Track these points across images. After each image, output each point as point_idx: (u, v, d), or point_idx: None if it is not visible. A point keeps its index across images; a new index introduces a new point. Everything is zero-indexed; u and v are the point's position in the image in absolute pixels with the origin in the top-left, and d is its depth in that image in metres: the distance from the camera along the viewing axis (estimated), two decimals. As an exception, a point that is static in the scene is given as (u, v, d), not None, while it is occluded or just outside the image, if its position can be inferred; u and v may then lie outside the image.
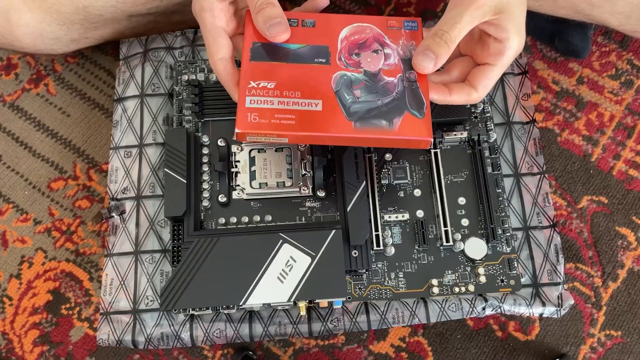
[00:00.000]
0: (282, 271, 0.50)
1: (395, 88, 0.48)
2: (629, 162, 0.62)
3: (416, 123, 0.47)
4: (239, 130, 0.46)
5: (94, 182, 0.64)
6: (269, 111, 0.46)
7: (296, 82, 0.48)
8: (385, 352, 0.57)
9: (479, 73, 0.49)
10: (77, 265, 0.61)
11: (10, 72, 0.68)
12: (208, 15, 0.48)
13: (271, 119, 0.46)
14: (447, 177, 0.56)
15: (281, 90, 0.47)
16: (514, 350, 0.57)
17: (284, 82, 0.48)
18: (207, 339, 0.53)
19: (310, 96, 0.47)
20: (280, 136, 0.46)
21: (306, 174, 0.55)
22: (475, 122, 0.57)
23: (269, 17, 0.47)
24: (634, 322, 0.58)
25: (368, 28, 0.51)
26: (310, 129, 0.46)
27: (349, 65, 0.49)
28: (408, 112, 0.47)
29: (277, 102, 0.47)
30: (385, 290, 0.53)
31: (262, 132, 0.46)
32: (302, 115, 0.46)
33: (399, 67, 0.49)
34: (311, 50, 0.49)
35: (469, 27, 0.47)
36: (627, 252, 0.60)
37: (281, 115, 0.46)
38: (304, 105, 0.47)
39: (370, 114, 0.47)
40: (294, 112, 0.46)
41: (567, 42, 0.64)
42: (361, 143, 0.48)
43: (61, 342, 0.59)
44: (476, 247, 0.53)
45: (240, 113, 0.46)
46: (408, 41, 0.50)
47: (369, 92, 0.48)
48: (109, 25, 0.62)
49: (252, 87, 0.47)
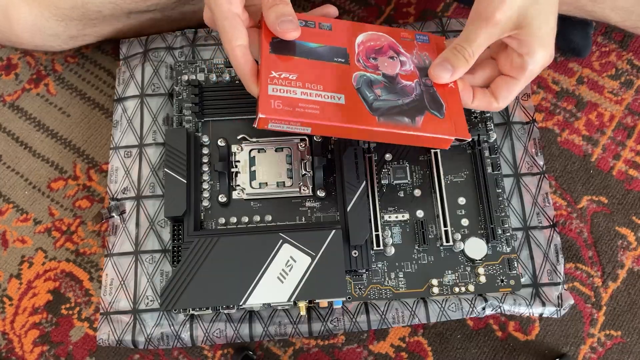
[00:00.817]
0: (282, 271, 0.50)
1: (413, 91, 0.49)
2: (629, 162, 0.62)
3: (438, 122, 0.48)
4: (263, 116, 0.45)
5: (94, 182, 0.64)
6: (292, 100, 0.46)
7: (318, 76, 0.48)
8: (385, 352, 0.57)
9: (502, 84, 0.50)
10: (77, 265, 0.61)
11: (10, 72, 0.68)
12: (224, 1, 0.46)
13: (295, 107, 0.46)
14: (447, 177, 0.56)
15: (303, 82, 0.47)
16: (514, 350, 0.57)
17: (306, 76, 0.47)
18: (207, 339, 0.53)
19: (333, 90, 0.47)
20: (304, 124, 0.46)
21: (306, 174, 0.55)
22: (475, 122, 0.57)
23: (281, 14, 0.47)
24: (634, 322, 0.58)
25: (383, 37, 0.52)
26: (335, 120, 0.46)
27: (367, 67, 0.49)
28: (428, 112, 0.48)
29: (301, 92, 0.47)
30: (385, 290, 0.53)
31: (286, 118, 0.45)
32: (326, 107, 0.46)
33: (415, 74, 0.50)
34: (330, 50, 0.49)
35: (486, 43, 0.47)
36: (627, 252, 0.60)
37: (305, 105, 0.46)
38: (327, 98, 0.47)
39: (392, 111, 0.47)
40: (318, 102, 0.46)
41: (568, 41, 0.64)
42: (385, 138, 0.48)
43: (61, 342, 0.59)
44: (476, 247, 0.53)
45: (263, 99, 0.45)
46: (421, 52, 0.51)
47: (389, 92, 0.48)
48: (107, 22, 0.62)
49: (274, 77, 0.47)
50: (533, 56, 0.47)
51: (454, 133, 0.48)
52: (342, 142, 0.55)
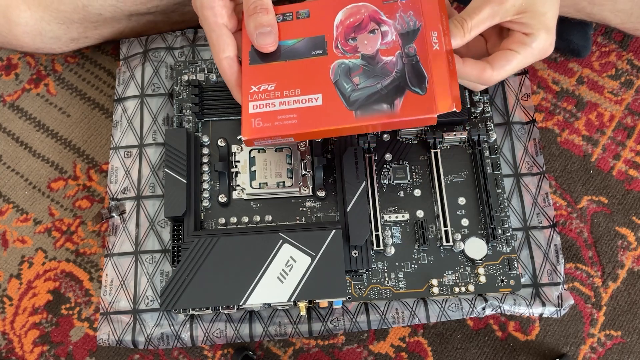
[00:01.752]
0: (282, 271, 0.50)
1: (394, 67, 0.47)
2: (629, 162, 0.62)
3: (418, 101, 0.46)
4: (245, 138, 0.47)
5: (94, 182, 0.64)
6: (271, 114, 0.47)
7: (295, 79, 0.48)
8: (385, 352, 0.57)
9: (499, 54, 0.48)
10: (77, 265, 0.61)
11: (11, 72, 0.68)
12: (210, 14, 0.47)
13: (274, 121, 0.47)
14: (447, 177, 0.56)
15: (282, 90, 0.48)
16: (514, 350, 0.57)
17: (284, 82, 0.48)
18: (207, 339, 0.53)
19: (310, 91, 0.47)
20: (284, 137, 0.47)
21: (306, 174, 0.55)
22: (475, 122, 0.57)
23: (259, 24, 0.47)
24: (634, 322, 0.58)
25: (363, 7, 0.50)
26: (311, 126, 0.46)
27: (346, 52, 0.48)
28: (409, 91, 0.46)
29: (279, 103, 0.47)
30: (385, 290, 0.53)
31: (267, 135, 0.47)
32: (303, 113, 0.47)
33: (397, 44, 0.48)
34: (307, 44, 0.49)
35: (489, 21, 0.46)
36: (627, 252, 0.60)
37: (283, 116, 0.47)
38: (305, 102, 0.47)
39: (370, 99, 0.47)
40: (296, 110, 0.47)
41: (568, 41, 0.64)
42: (366, 130, 0.47)
43: (61, 342, 0.59)
44: (476, 247, 0.53)
45: (245, 120, 0.47)
46: (405, 12, 0.49)
47: (368, 76, 0.47)
48: (108, 25, 0.62)
49: (253, 92, 0.48)
50: (537, 37, 0.47)
51: (435, 110, 0.46)
52: (342, 142, 0.55)
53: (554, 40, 0.48)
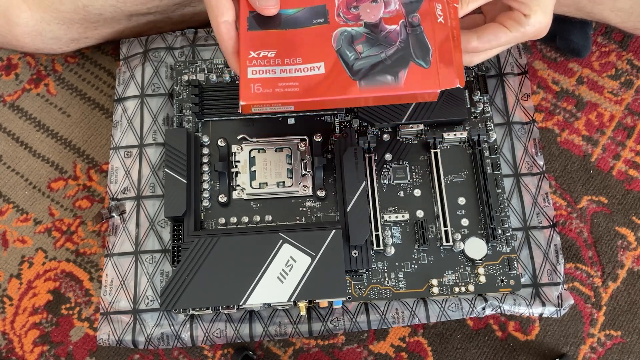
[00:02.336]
0: (282, 271, 0.50)
1: (398, 37, 0.46)
2: (629, 162, 0.62)
3: (422, 74, 0.45)
4: (243, 103, 0.45)
5: (94, 182, 0.64)
6: (272, 80, 0.45)
7: (297, 47, 0.46)
8: (385, 352, 0.58)
9: (489, 26, 0.47)
10: (77, 265, 0.61)
11: (11, 72, 0.68)
12: None
13: (275, 87, 0.45)
14: (447, 177, 0.56)
15: (282, 58, 0.46)
16: (514, 350, 0.57)
17: (285, 50, 0.46)
18: (207, 339, 0.53)
19: (312, 60, 0.46)
20: (285, 104, 0.45)
21: (306, 174, 0.55)
22: (475, 122, 0.57)
23: None
24: (634, 322, 0.58)
25: None
26: (314, 94, 0.45)
27: (348, 20, 0.47)
28: (413, 63, 0.45)
29: (280, 70, 0.45)
30: (385, 290, 0.53)
31: (267, 102, 0.45)
32: (305, 81, 0.45)
33: (400, 13, 0.47)
34: (309, 12, 0.47)
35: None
36: (627, 252, 0.60)
37: (284, 83, 0.45)
38: (307, 71, 0.45)
39: (374, 69, 0.45)
40: (297, 79, 0.45)
41: (568, 41, 0.64)
42: (368, 102, 0.46)
43: (61, 342, 0.59)
44: (476, 247, 0.53)
45: (243, 85, 0.45)
46: None
47: (371, 45, 0.46)
48: (108, 25, 0.62)
49: (252, 58, 0.46)
50: (533, 17, 0.46)
51: (438, 85, 0.45)
52: (342, 142, 0.55)
53: (550, 22, 0.47)
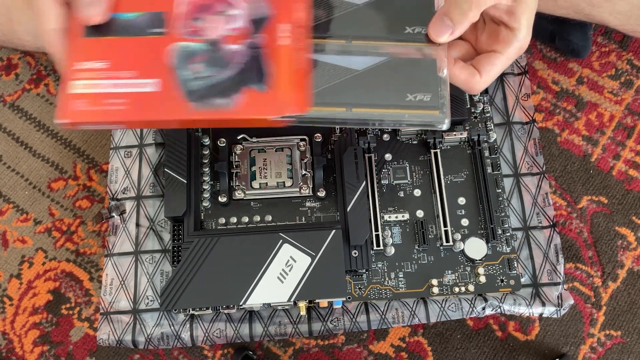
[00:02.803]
0: (282, 271, 0.50)
1: (239, 58, 0.42)
2: (629, 162, 0.62)
3: (259, 98, 0.41)
4: (58, 121, 0.40)
5: (94, 182, 0.64)
6: (97, 96, 0.41)
7: (132, 59, 0.42)
8: (385, 352, 0.58)
9: (483, 59, 0.46)
10: (77, 265, 0.61)
11: (11, 72, 0.68)
12: None
13: (99, 105, 0.41)
14: (447, 177, 0.56)
15: (116, 69, 0.41)
16: (514, 350, 0.57)
17: (120, 60, 0.42)
18: (207, 339, 0.53)
19: (147, 75, 0.41)
20: (111, 124, 0.42)
21: (306, 174, 0.55)
22: (475, 122, 0.57)
23: None
24: (634, 322, 0.58)
25: None
26: (142, 115, 0.41)
27: (189, 34, 0.42)
28: (251, 87, 0.41)
29: (109, 84, 0.41)
30: (385, 290, 0.53)
31: (88, 120, 0.41)
32: (135, 99, 0.41)
33: (247, 31, 0.42)
34: (146, 19, 0.43)
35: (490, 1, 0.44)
36: (627, 252, 0.60)
37: (112, 100, 0.41)
38: (139, 87, 0.41)
39: (211, 91, 0.41)
40: (127, 95, 0.41)
41: (567, 42, 0.64)
42: (203, 124, 0.43)
43: (61, 342, 0.59)
44: (476, 247, 0.53)
45: (62, 100, 0.41)
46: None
47: (212, 65, 0.42)
48: None
49: (77, 70, 0.41)
50: (521, 32, 0.45)
51: (276, 111, 0.41)
52: (342, 142, 0.55)
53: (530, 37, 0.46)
